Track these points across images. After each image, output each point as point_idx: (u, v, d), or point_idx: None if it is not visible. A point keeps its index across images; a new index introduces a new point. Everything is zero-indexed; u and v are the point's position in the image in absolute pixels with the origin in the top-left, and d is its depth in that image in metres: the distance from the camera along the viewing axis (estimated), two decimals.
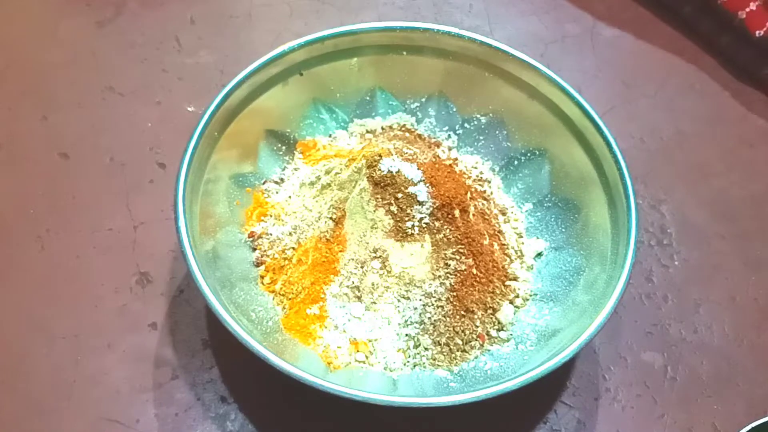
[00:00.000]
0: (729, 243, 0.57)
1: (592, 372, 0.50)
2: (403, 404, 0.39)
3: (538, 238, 0.53)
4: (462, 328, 0.46)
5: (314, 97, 0.56)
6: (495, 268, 0.49)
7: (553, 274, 0.50)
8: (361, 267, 0.47)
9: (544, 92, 0.53)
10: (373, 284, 0.47)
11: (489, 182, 0.55)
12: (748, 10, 0.63)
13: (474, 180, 0.55)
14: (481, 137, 0.56)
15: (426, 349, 0.46)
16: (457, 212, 0.48)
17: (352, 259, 0.47)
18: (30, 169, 0.57)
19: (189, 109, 0.61)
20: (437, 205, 0.47)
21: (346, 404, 0.39)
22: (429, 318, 0.46)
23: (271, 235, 0.50)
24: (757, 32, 0.63)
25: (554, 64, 0.66)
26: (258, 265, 0.50)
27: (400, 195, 0.47)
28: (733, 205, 0.59)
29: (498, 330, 0.48)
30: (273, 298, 0.48)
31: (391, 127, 0.57)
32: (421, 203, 0.47)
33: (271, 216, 0.52)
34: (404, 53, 0.55)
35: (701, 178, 0.60)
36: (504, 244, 0.51)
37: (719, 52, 0.68)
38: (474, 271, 0.48)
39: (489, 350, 0.47)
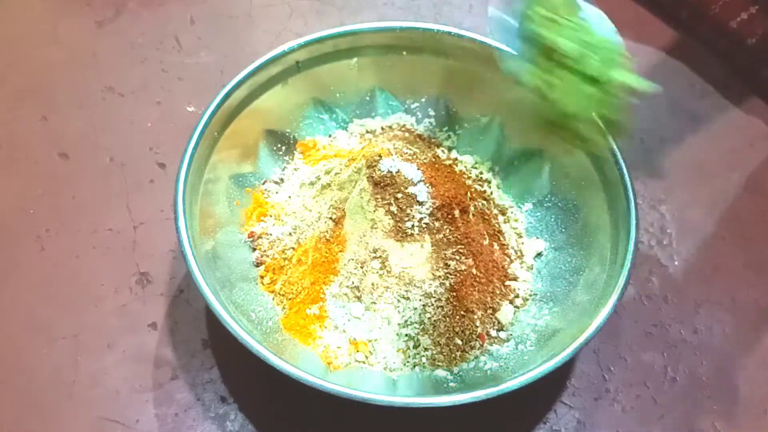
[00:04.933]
0: (729, 243, 0.56)
1: (592, 372, 0.50)
2: (403, 404, 0.39)
3: (538, 238, 0.53)
4: (462, 328, 0.46)
5: (314, 97, 0.56)
6: (495, 268, 0.49)
7: (553, 274, 0.50)
8: (361, 267, 0.47)
9: None
10: (373, 284, 0.47)
11: (489, 182, 0.55)
12: (739, 19, 0.64)
13: (474, 180, 0.55)
14: (481, 137, 0.56)
15: (426, 349, 0.46)
16: (456, 212, 0.48)
17: (352, 259, 0.47)
18: (30, 169, 0.57)
19: (189, 109, 0.61)
20: (437, 205, 0.47)
21: (346, 404, 0.39)
22: (429, 318, 0.46)
23: (271, 235, 0.50)
24: (749, 40, 0.64)
25: None
26: (258, 265, 0.50)
27: (400, 195, 0.47)
28: (733, 205, 0.59)
29: (498, 330, 0.48)
30: (273, 298, 0.48)
31: (391, 127, 0.57)
32: (421, 203, 0.47)
33: (271, 216, 0.52)
34: (404, 53, 0.55)
35: (701, 178, 0.60)
36: (504, 244, 0.51)
37: (718, 54, 0.68)
38: (474, 271, 0.48)
39: (489, 350, 0.47)
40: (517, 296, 0.49)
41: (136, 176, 0.57)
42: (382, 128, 0.57)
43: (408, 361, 0.46)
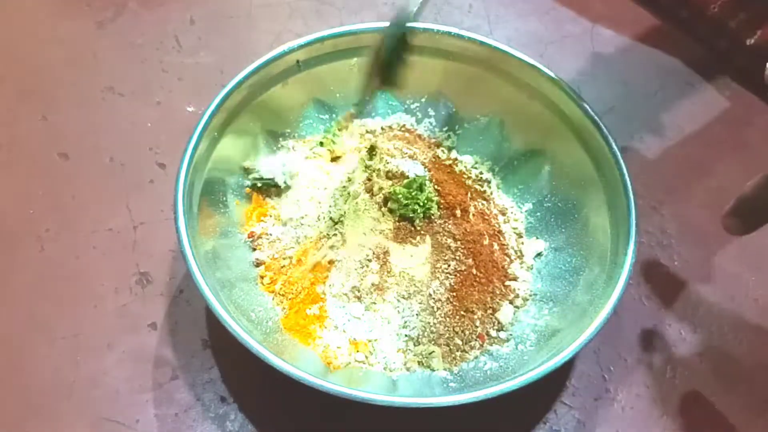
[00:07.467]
0: (729, 243, 0.56)
1: (592, 372, 0.50)
2: (403, 404, 0.39)
3: (537, 238, 0.53)
4: (462, 328, 0.46)
5: (314, 97, 0.56)
6: (495, 268, 0.49)
7: (553, 275, 0.50)
8: (361, 267, 0.47)
9: (544, 92, 0.53)
10: (373, 284, 0.47)
11: (489, 182, 0.55)
12: (737, 19, 0.64)
13: (474, 180, 0.55)
14: (481, 137, 0.56)
15: (426, 349, 0.46)
16: (457, 212, 0.48)
17: (353, 259, 0.47)
18: (30, 169, 0.57)
19: (189, 109, 0.61)
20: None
21: (346, 404, 0.39)
22: (429, 318, 0.46)
23: (271, 235, 0.50)
24: (748, 40, 0.63)
25: (554, 64, 0.65)
26: (258, 265, 0.50)
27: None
28: None
29: (498, 330, 0.48)
30: (273, 299, 0.48)
31: (391, 127, 0.57)
32: None
33: (271, 216, 0.52)
34: None
35: (701, 178, 0.60)
36: (504, 244, 0.51)
37: (718, 54, 0.68)
38: (474, 271, 0.48)
39: (489, 350, 0.47)
40: (517, 296, 0.49)
41: (136, 176, 0.57)
42: (382, 128, 0.57)
43: (408, 361, 0.46)
